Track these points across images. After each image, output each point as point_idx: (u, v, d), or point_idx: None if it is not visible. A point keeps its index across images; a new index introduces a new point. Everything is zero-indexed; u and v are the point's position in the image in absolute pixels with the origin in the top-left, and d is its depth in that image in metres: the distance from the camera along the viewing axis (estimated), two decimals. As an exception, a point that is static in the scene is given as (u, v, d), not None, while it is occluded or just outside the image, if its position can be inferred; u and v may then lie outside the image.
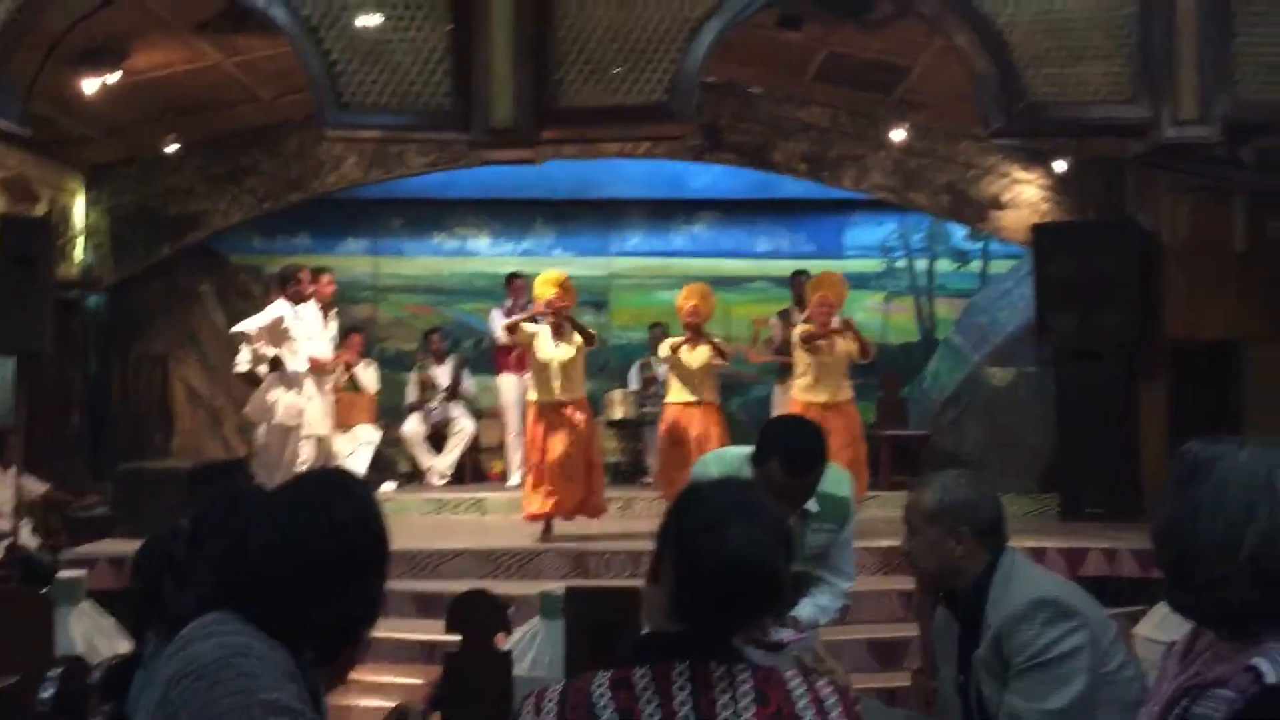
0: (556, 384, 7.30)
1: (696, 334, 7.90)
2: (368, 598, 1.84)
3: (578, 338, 7.39)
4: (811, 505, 3.17)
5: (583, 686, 1.56)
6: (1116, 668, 2.51)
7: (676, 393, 7.97)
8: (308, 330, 7.89)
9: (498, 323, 9.50)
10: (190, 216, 9.35)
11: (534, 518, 7.33)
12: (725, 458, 3.33)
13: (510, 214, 10.77)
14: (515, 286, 9.51)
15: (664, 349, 8.01)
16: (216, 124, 8.98)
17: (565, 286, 7.45)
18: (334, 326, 8.59)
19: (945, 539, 2.56)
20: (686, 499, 1.74)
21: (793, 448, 3.09)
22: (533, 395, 7.43)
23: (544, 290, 7.41)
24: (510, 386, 9.45)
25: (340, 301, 10.14)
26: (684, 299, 8.01)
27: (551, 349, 7.34)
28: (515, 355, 9.16)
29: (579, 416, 7.33)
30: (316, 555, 1.76)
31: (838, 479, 3.29)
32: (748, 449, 3.21)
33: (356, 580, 1.81)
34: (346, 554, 1.79)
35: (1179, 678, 1.63)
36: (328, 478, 1.95)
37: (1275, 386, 8.01)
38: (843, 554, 3.35)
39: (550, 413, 7.30)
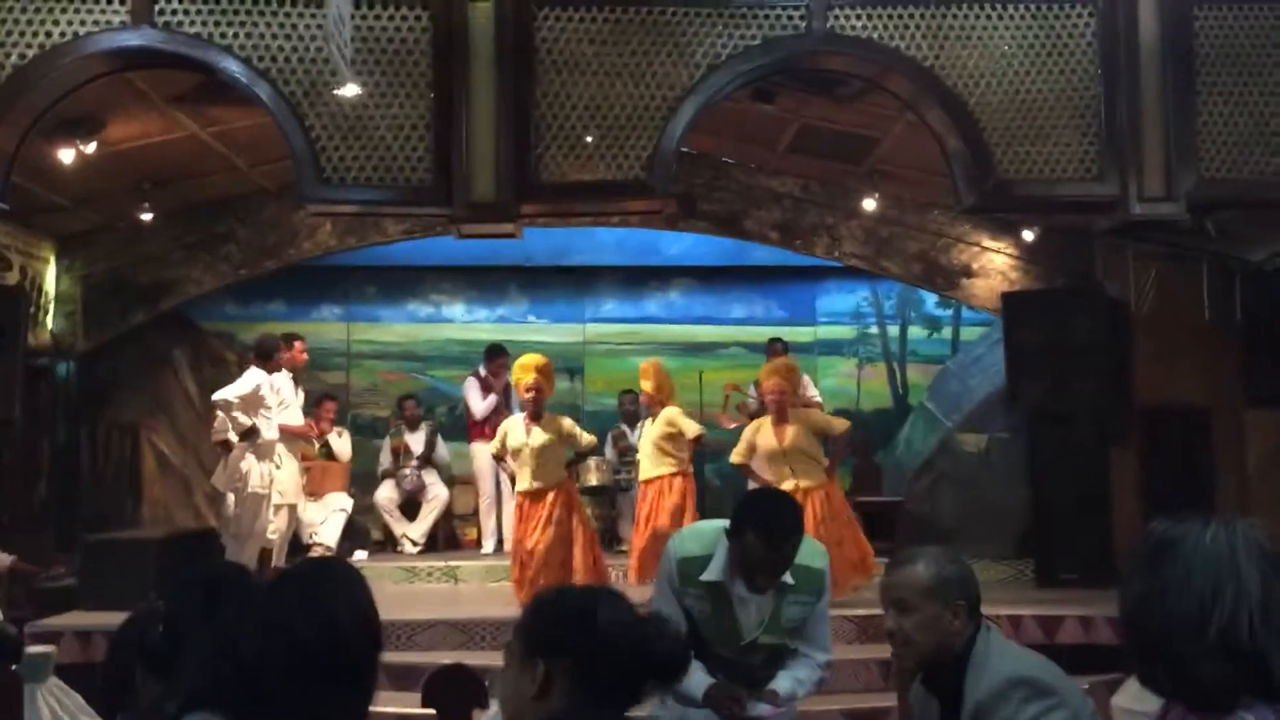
0: (527, 471, 7.32)
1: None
2: (361, 697, 1.77)
3: (561, 423, 7.41)
4: (787, 577, 3.19)
5: None
6: None
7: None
8: (282, 398, 7.89)
9: (473, 391, 9.54)
10: (164, 284, 9.34)
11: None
12: (701, 532, 3.37)
13: (485, 281, 10.83)
14: (496, 364, 9.50)
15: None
16: (192, 193, 9.01)
17: (544, 372, 7.42)
18: (301, 394, 8.58)
19: (943, 614, 2.54)
20: (557, 605, 1.88)
21: (769, 519, 3.13)
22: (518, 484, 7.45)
23: (523, 375, 7.39)
24: (483, 454, 9.42)
25: (313, 368, 10.14)
26: (643, 379, 8.08)
27: (521, 436, 7.37)
28: (489, 424, 9.19)
29: (558, 501, 7.34)
30: (313, 656, 1.68)
31: (812, 551, 3.31)
32: (723, 523, 3.25)
33: (351, 679, 1.74)
34: (343, 653, 1.72)
35: (1156, 748, 1.68)
36: (321, 570, 1.90)
37: (1243, 451, 8.16)
38: (819, 627, 3.35)
39: (528, 501, 7.33)
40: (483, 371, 9.60)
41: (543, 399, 7.41)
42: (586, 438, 7.67)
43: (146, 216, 8.67)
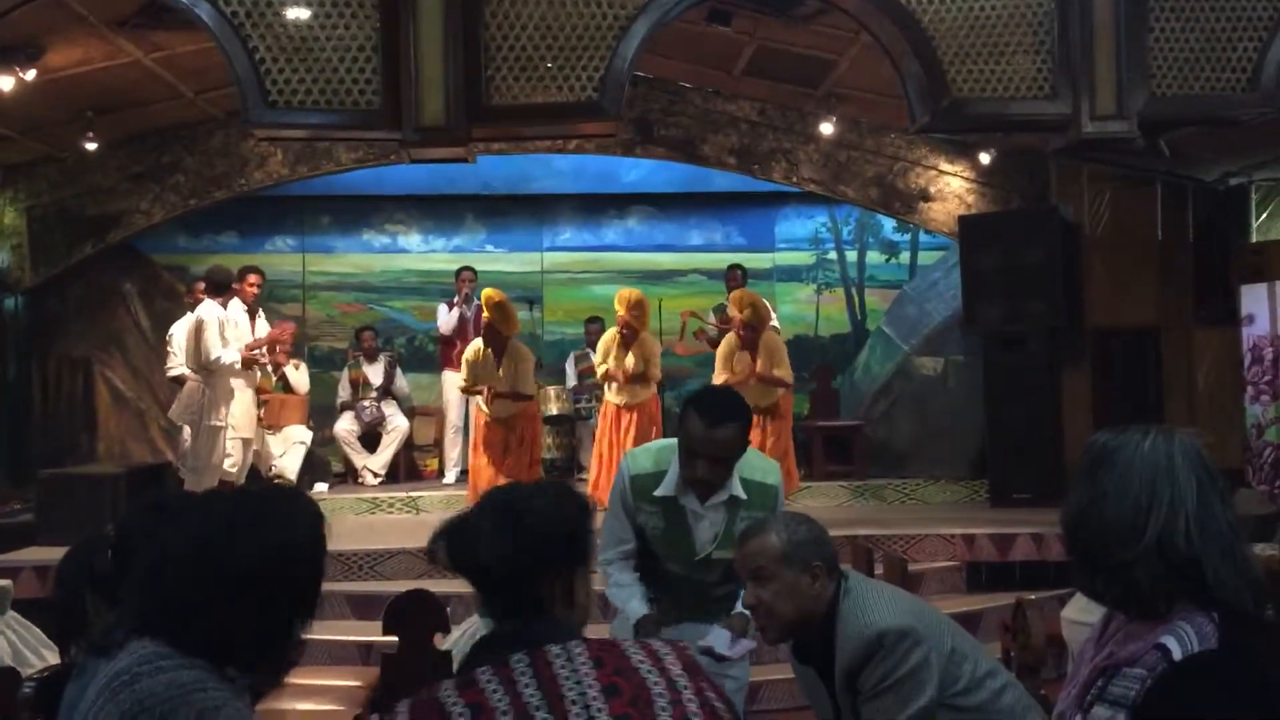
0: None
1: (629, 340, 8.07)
2: (295, 613, 1.78)
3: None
4: (739, 491, 3.21)
5: (432, 692, 1.61)
6: (979, 675, 2.55)
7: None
8: (237, 332, 7.81)
9: (444, 317, 9.49)
10: (112, 216, 9.18)
11: None
12: (653, 450, 3.40)
13: (441, 210, 10.73)
14: (462, 279, 9.50)
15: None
16: (137, 121, 8.83)
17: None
18: (262, 326, 8.49)
19: (801, 578, 2.53)
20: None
21: (710, 399, 3.23)
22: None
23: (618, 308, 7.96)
24: (453, 383, 9.41)
25: (268, 300, 10.02)
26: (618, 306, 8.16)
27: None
28: (458, 352, 9.18)
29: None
30: (243, 581, 1.68)
31: (765, 467, 3.34)
32: (675, 440, 3.29)
33: (286, 606, 1.75)
34: (276, 580, 1.72)
35: (1095, 659, 1.71)
36: (259, 497, 1.87)
37: (1192, 370, 8.29)
38: None
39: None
40: (456, 297, 9.53)
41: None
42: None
43: (91, 146, 8.48)
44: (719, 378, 7.91)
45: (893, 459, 9.83)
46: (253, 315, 8.34)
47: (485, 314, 7.79)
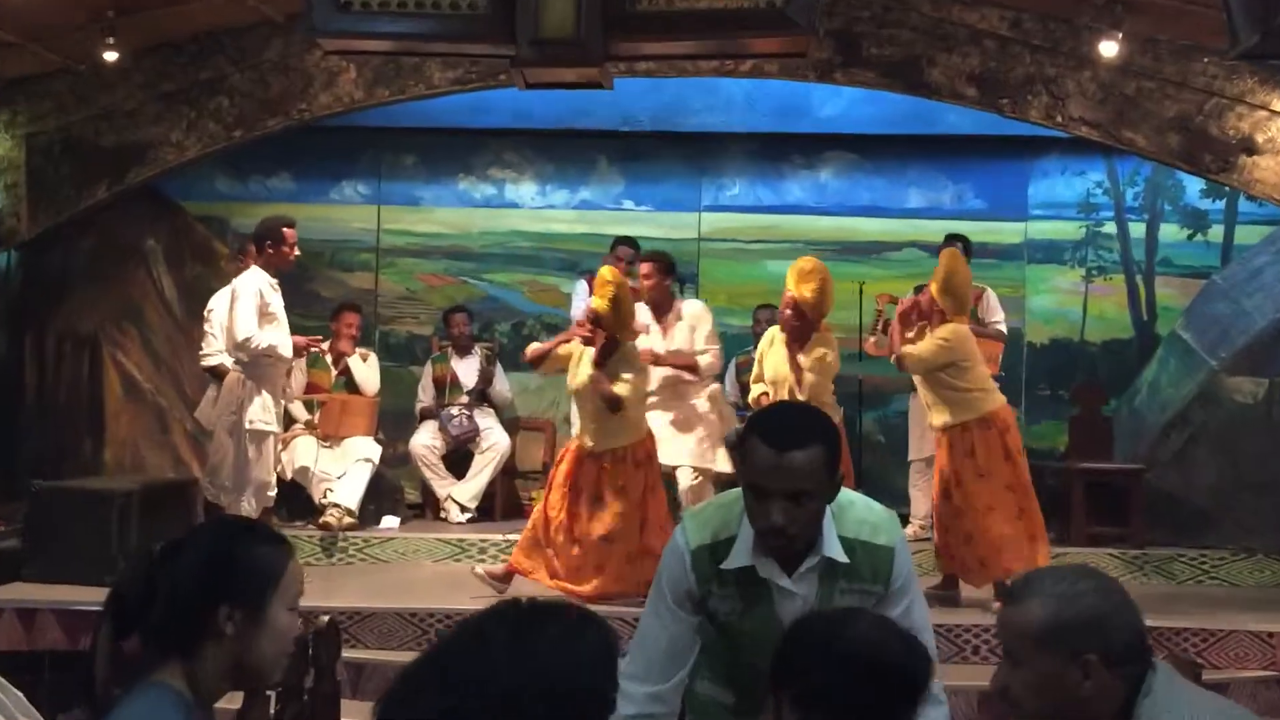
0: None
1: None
2: None
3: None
4: (836, 552, 3.23)
5: None
6: None
7: None
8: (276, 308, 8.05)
9: (578, 299, 9.57)
10: (133, 148, 9.53)
11: None
12: (713, 511, 3.44)
13: (565, 151, 10.91)
14: (618, 256, 9.62)
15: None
16: (171, 24, 9.11)
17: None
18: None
19: (1066, 672, 2.49)
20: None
21: (776, 417, 3.34)
22: None
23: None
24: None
25: (330, 266, 10.36)
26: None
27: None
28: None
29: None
30: None
31: (876, 522, 3.34)
32: (733, 493, 3.37)
33: None
34: None
35: None
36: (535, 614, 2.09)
37: None
38: (904, 617, 3.21)
39: None
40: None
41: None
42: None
43: (111, 56, 8.82)
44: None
45: (1187, 520, 9.58)
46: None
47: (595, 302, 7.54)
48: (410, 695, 1.95)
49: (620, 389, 7.30)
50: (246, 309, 7.73)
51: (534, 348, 7.99)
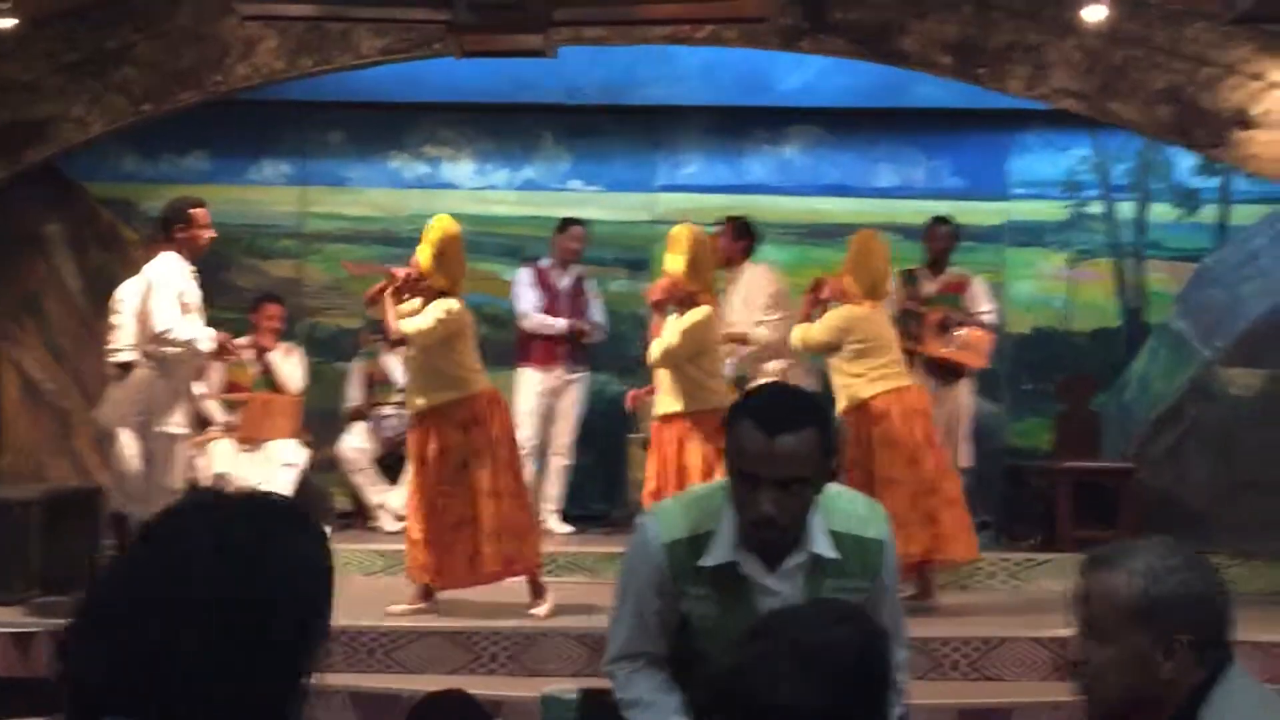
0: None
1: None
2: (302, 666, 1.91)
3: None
4: (825, 548, 3.26)
5: None
6: None
7: None
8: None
9: (525, 292, 9.57)
10: (31, 125, 9.44)
11: None
12: (690, 502, 3.49)
13: (505, 127, 10.89)
14: (570, 236, 9.62)
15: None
16: (72, -13, 9.08)
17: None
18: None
19: (1153, 651, 2.51)
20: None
21: (767, 399, 3.39)
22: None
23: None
24: (531, 387, 9.48)
25: (250, 254, 10.26)
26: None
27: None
28: (541, 342, 9.37)
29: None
30: (218, 616, 1.81)
31: (865, 515, 3.41)
32: (720, 482, 3.40)
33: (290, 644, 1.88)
34: (268, 611, 1.85)
35: None
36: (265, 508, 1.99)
37: None
38: (888, 618, 3.31)
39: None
40: (546, 261, 9.64)
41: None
42: None
43: (6, 24, 8.73)
44: None
45: (1180, 522, 9.62)
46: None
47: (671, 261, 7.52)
48: (102, 613, 1.84)
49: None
50: (166, 298, 7.59)
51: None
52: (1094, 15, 8.72)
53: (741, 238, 8.57)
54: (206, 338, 7.74)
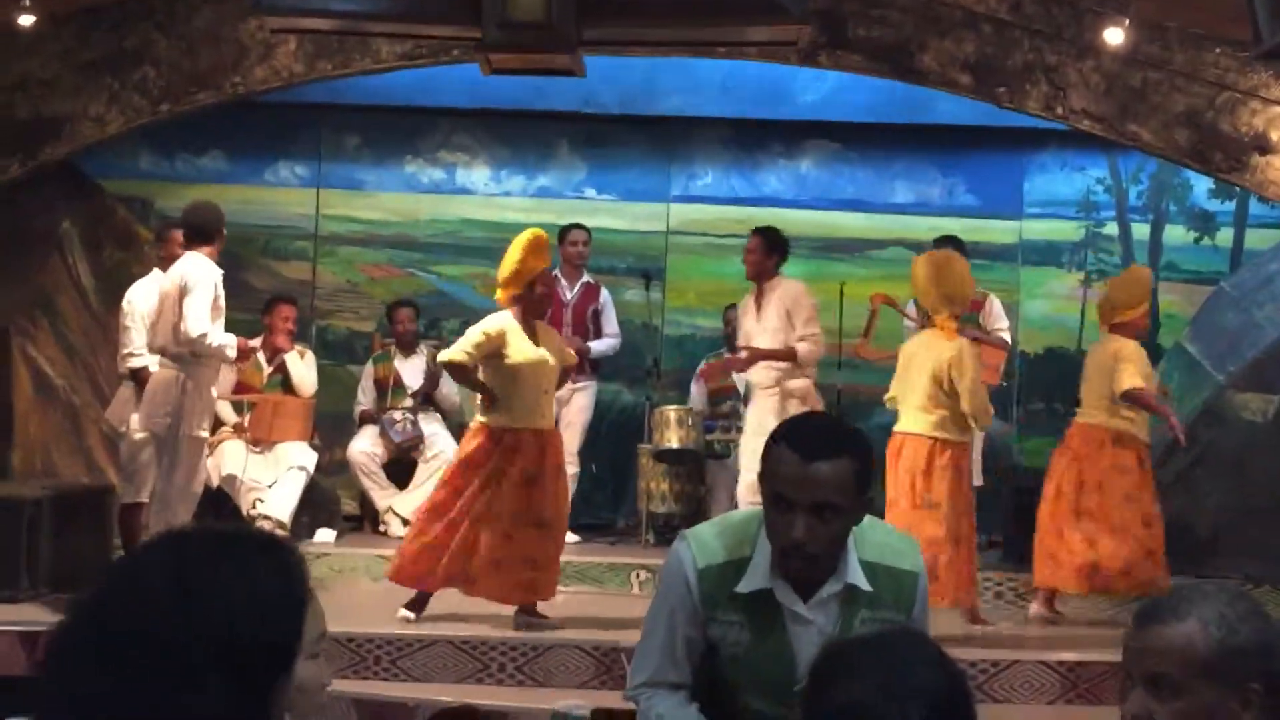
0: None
1: None
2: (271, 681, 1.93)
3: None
4: (859, 579, 3.27)
5: None
6: None
7: None
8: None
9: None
10: (48, 122, 9.45)
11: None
12: (727, 527, 3.48)
13: (523, 134, 10.91)
14: (572, 242, 9.70)
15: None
16: (93, -14, 9.10)
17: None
18: None
19: (1226, 704, 2.44)
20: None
21: (805, 426, 3.43)
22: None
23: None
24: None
25: (263, 255, 10.29)
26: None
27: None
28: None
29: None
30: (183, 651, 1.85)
31: (899, 547, 3.42)
32: (756, 510, 3.40)
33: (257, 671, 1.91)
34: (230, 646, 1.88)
35: None
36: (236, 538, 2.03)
37: None
38: None
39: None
40: (553, 271, 9.70)
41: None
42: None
43: (26, 21, 8.76)
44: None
45: (1191, 547, 9.62)
46: None
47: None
48: (69, 654, 1.88)
49: None
50: (202, 302, 7.57)
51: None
52: (1114, 37, 8.75)
53: (775, 251, 8.59)
54: (231, 344, 7.79)
